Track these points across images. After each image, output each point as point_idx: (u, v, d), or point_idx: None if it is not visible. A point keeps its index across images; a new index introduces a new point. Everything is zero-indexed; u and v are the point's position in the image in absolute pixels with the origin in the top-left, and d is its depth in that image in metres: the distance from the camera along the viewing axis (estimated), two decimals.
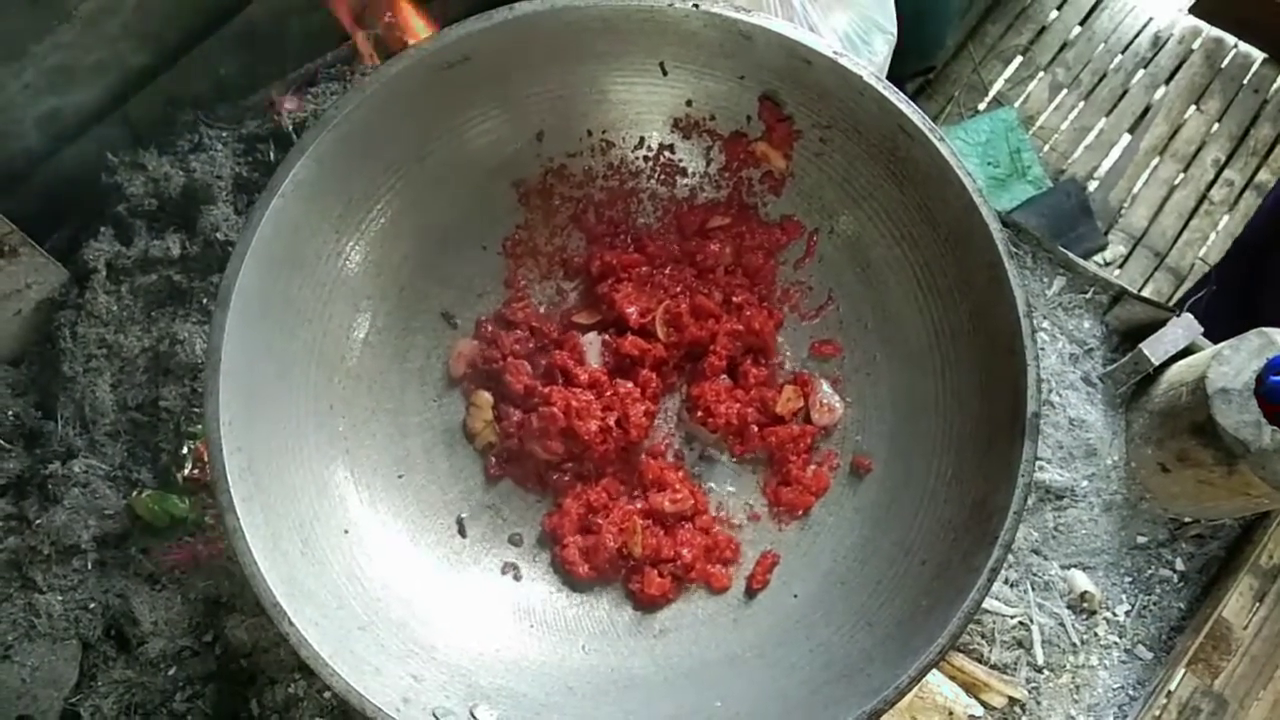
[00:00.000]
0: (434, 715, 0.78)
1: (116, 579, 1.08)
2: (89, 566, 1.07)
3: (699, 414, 0.97)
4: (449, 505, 0.95)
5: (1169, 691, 1.27)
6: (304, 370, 0.88)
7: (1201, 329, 1.25)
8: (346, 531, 0.87)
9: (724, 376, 0.99)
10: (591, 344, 0.99)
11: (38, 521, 1.06)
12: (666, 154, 0.99)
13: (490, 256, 1.00)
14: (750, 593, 0.93)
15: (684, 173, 1.00)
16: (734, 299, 0.99)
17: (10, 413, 1.12)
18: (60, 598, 1.05)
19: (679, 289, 1.00)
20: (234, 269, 0.80)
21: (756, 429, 0.96)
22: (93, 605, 1.06)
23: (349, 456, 0.90)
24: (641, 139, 0.99)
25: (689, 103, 0.96)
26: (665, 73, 0.94)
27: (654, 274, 1.00)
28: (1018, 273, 0.81)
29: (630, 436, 0.95)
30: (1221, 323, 1.28)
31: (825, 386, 0.98)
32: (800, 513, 0.95)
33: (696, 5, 0.87)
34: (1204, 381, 1.13)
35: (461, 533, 0.94)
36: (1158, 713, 1.25)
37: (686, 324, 0.98)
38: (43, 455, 1.10)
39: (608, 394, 0.96)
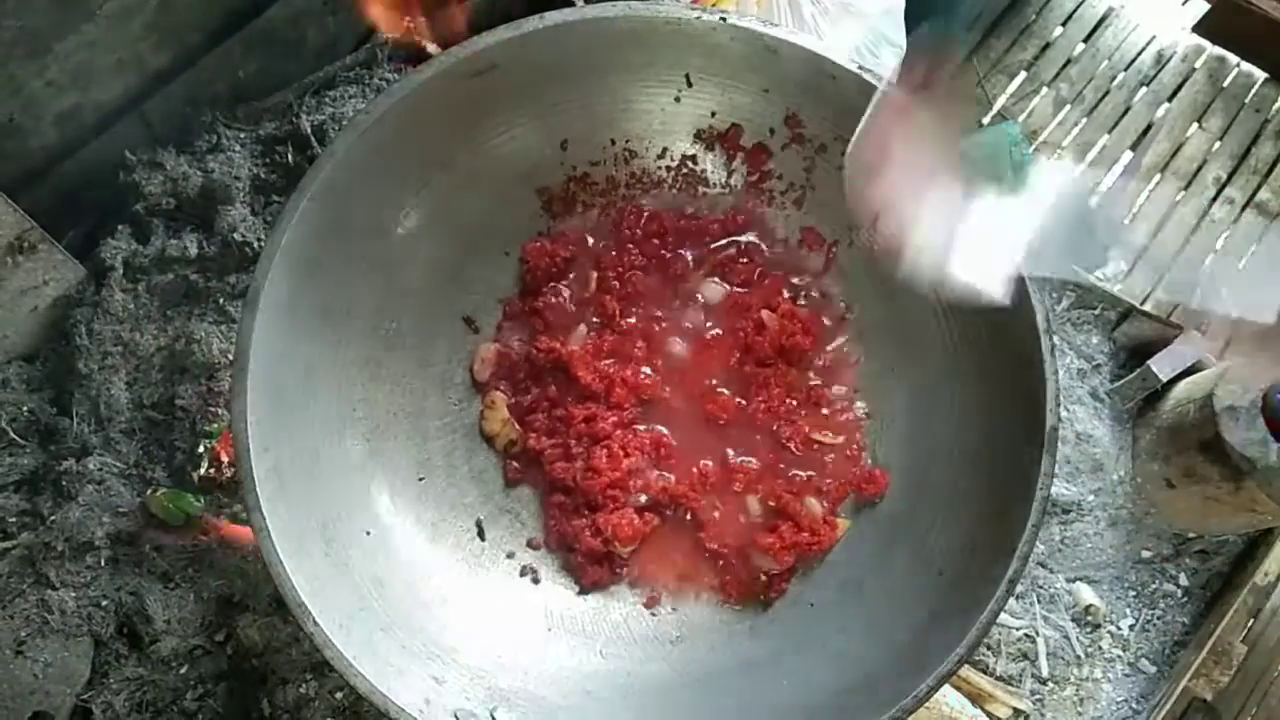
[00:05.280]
0: (455, 717, 0.79)
1: (129, 576, 1.08)
2: (102, 563, 1.07)
3: None
4: (469, 508, 0.96)
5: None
6: (329, 373, 0.89)
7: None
8: (368, 533, 0.87)
9: None
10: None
11: (52, 518, 1.06)
12: (689, 164, 1.00)
13: (512, 262, 1.01)
14: (767, 601, 0.94)
15: (706, 183, 1.01)
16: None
17: (26, 409, 1.12)
18: (74, 594, 1.05)
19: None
20: (263, 271, 0.80)
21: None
22: (105, 602, 1.06)
23: (372, 459, 0.91)
24: (664, 149, 1.00)
25: (713, 114, 0.97)
26: (690, 84, 0.95)
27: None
28: (1038, 288, 0.83)
29: None
30: None
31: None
32: None
33: (724, 18, 0.88)
34: (1211, 398, 1.14)
35: (481, 535, 0.95)
36: None
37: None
38: (58, 452, 1.10)
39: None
